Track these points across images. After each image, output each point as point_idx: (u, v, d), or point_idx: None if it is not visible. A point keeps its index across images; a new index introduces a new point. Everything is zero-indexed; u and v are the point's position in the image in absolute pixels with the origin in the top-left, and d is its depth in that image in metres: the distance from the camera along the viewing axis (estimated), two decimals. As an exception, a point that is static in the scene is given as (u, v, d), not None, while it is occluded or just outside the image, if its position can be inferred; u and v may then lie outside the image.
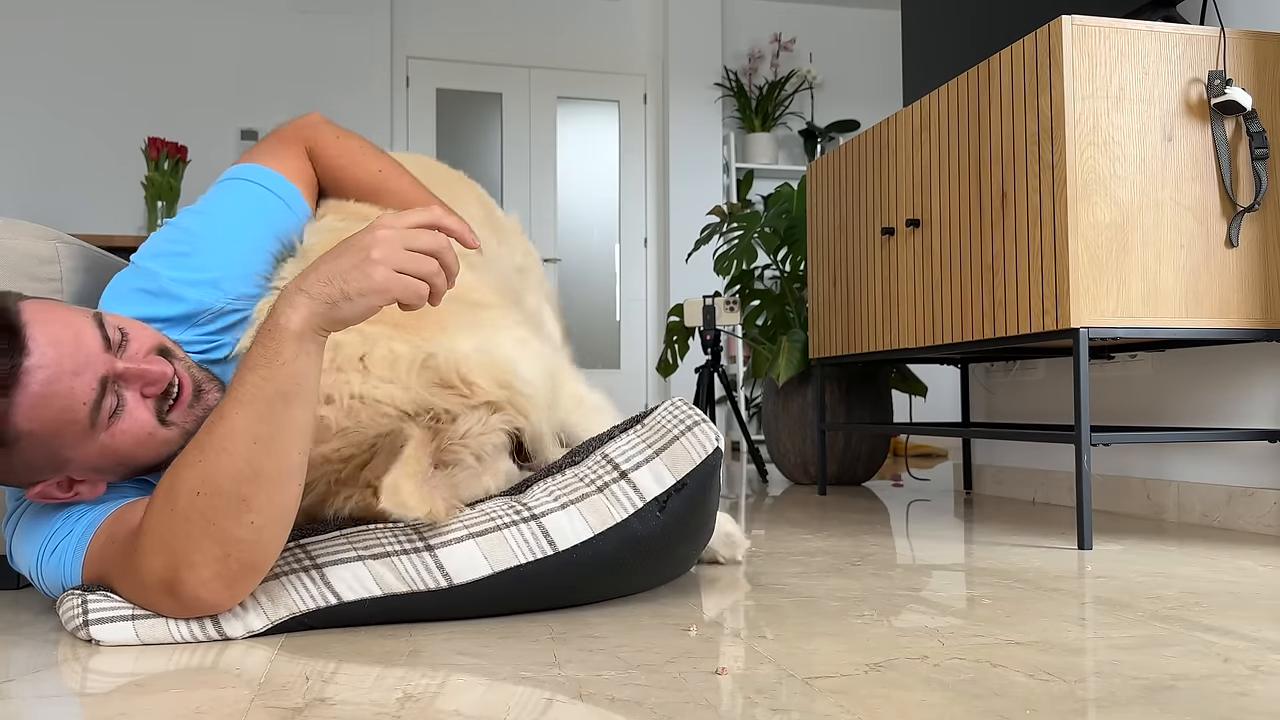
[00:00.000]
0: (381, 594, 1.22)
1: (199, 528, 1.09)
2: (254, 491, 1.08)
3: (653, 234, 6.00)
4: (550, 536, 1.26)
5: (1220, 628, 1.23)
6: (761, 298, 3.73)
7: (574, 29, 5.92)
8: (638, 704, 0.92)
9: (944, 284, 2.34)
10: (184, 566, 1.10)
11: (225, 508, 1.08)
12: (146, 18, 5.28)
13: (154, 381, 1.23)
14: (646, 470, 1.32)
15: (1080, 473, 1.91)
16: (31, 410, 1.14)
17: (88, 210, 5.08)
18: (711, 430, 1.38)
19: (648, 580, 1.41)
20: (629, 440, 1.36)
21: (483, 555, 1.23)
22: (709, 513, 1.41)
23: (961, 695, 0.94)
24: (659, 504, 1.31)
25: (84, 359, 1.17)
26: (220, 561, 1.10)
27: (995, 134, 2.15)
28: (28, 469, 1.20)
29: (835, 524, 2.30)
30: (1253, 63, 2.04)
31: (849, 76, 6.14)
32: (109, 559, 1.20)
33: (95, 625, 1.17)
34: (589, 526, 1.28)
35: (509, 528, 1.26)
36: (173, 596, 1.13)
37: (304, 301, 1.07)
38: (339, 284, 1.07)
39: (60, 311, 1.20)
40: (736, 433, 5.45)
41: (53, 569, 1.25)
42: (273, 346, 1.07)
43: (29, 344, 1.14)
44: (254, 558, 1.12)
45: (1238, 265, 2.01)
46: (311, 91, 5.41)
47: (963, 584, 1.55)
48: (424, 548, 1.23)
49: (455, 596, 1.24)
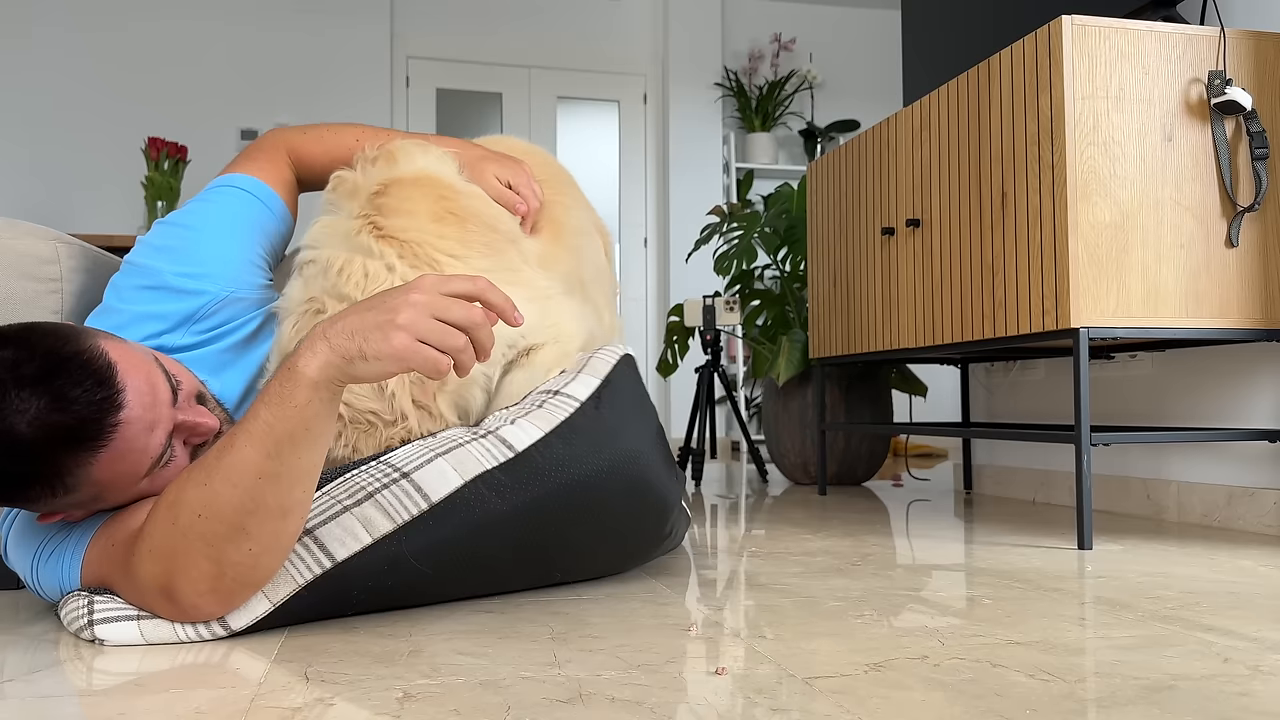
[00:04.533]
0: (372, 540, 1.23)
1: (197, 547, 1.09)
2: (255, 524, 1.09)
3: (653, 234, 6.00)
4: (508, 442, 1.34)
5: (1220, 628, 1.23)
6: (761, 298, 3.73)
7: (574, 29, 5.92)
8: (638, 704, 0.92)
9: (944, 284, 2.34)
10: (181, 577, 1.11)
11: (225, 534, 1.09)
12: (147, 18, 5.28)
13: (204, 435, 1.24)
14: (575, 383, 1.45)
15: (1080, 473, 1.91)
16: (110, 464, 1.13)
17: (88, 210, 5.08)
18: (618, 349, 1.55)
19: (619, 504, 1.42)
20: (557, 378, 1.49)
21: (451, 468, 1.30)
22: (641, 405, 1.50)
23: (961, 695, 0.94)
24: (593, 400, 1.43)
25: (159, 414, 1.16)
26: (216, 579, 1.11)
27: (995, 134, 2.15)
28: (65, 505, 1.18)
29: (835, 524, 2.30)
30: (1253, 63, 2.04)
31: (849, 76, 6.14)
32: (110, 561, 1.20)
33: (100, 625, 1.17)
34: (538, 429, 1.37)
35: (470, 443, 1.34)
36: (171, 602, 1.14)
37: (324, 350, 1.06)
38: (359, 341, 1.05)
39: (135, 357, 1.17)
40: (736, 433, 5.45)
41: (49, 572, 1.25)
42: (289, 388, 1.06)
43: (124, 400, 1.12)
44: (251, 578, 1.13)
45: (1238, 265, 2.01)
46: (311, 91, 5.41)
47: (963, 584, 1.55)
48: (400, 476, 1.28)
49: (440, 526, 1.27)
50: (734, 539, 2.08)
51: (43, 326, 1.15)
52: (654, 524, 1.51)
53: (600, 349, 1.52)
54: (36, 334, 1.13)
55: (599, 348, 1.53)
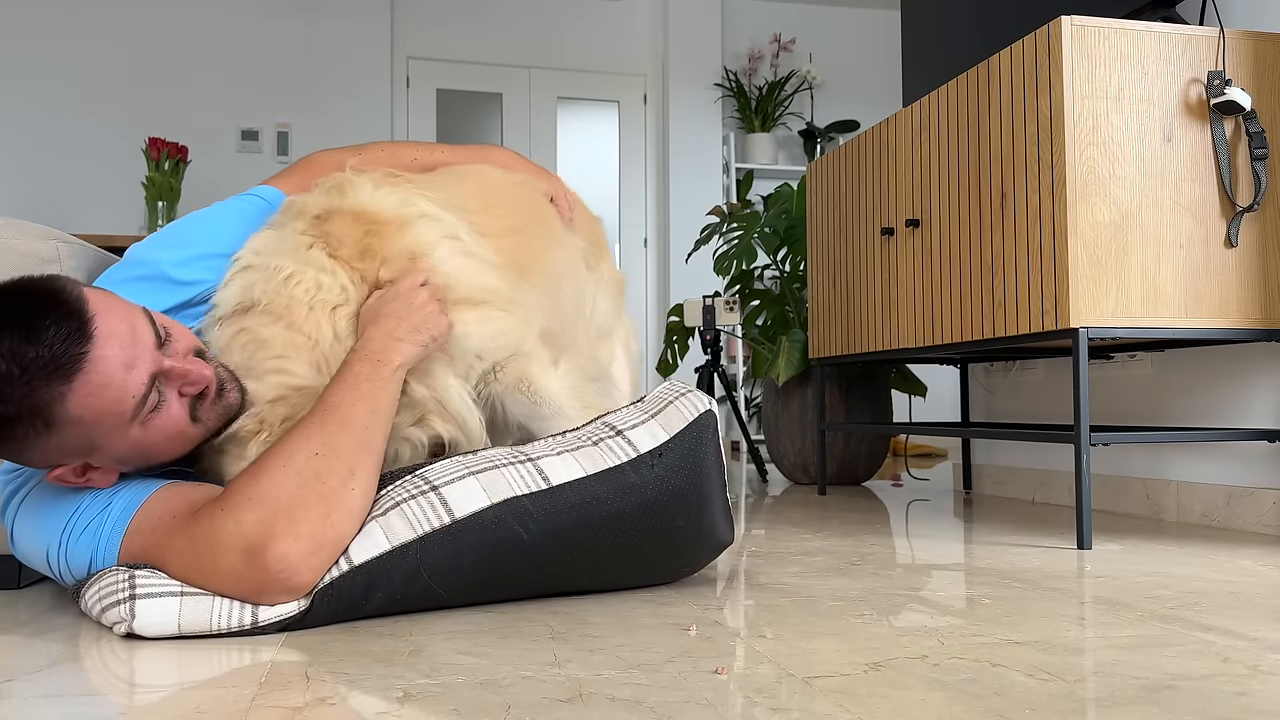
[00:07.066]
0: (390, 548, 1.25)
1: (310, 486, 1.20)
2: (362, 463, 1.25)
3: (653, 234, 6.00)
4: (545, 474, 1.34)
5: (1220, 627, 1.23)
6: (761, 298, 3.73)
7: (574, 29, 5.92)
8: (638, 704, 0.92)
9: (944, 284, 2.34)
10: (283, 522, 1.17)
11: (340, 469, 1.22)
12: (147, 18, 5.28)
13: (195, 383, 1.27)
14: (642, 430, 1.41)
15: (1080, 473, 1.91)
16: (86, 398, 1.17)
17: (88, 210, 5.08)
18: (703, 396, 1.47)
19: (650, 548, 1.40)
20: (628, 411, 1.47)
21: (481, 489, 1.31)
22: (706, 477, 1.42)
23: (961, 695, 0.94)
24: (653, 455, 1.38)
25: (138, 353, 1.21)
26: (322, 520, 1.20)
27: (995, 134, 2.16)
28: (58, 452, 1.22)
29: (835, 524, 2.31)
30: (1252, 63, 2.04)
31: (849, 76, 6.14)
32: (163, 532, 1.22)
33: (143, 600, 1.18)
34: (582, 469, 1.36)
35: (506, 467, 1.34)
36: (253, 558, 1.17)
37: (407, 347, 1.35)
38: (426, 334, 1.38)
39: (117, 303, 1.24)
40: (736, 433, 5.45)
41: (83, 548, 1.26)
42: (381, 369, 1.32)
43: (95, 333, 1.17)
44: (345, 528, 1.23)
45: (1237, 265, 2.01)
46: (312, 92, 5.41)
47: (962, 584, 1.55)
48: (429, 489, 1.30)
49: (459, 539, 1.27)
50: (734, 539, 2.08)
51: (23, 278, 1.21)
52: (683, 564, 1.49)
53: (689, 392, 1.48)
54: (15, 283, 1.20)
55: (682, 389, 1.49)
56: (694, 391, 1.48)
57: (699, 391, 1.49)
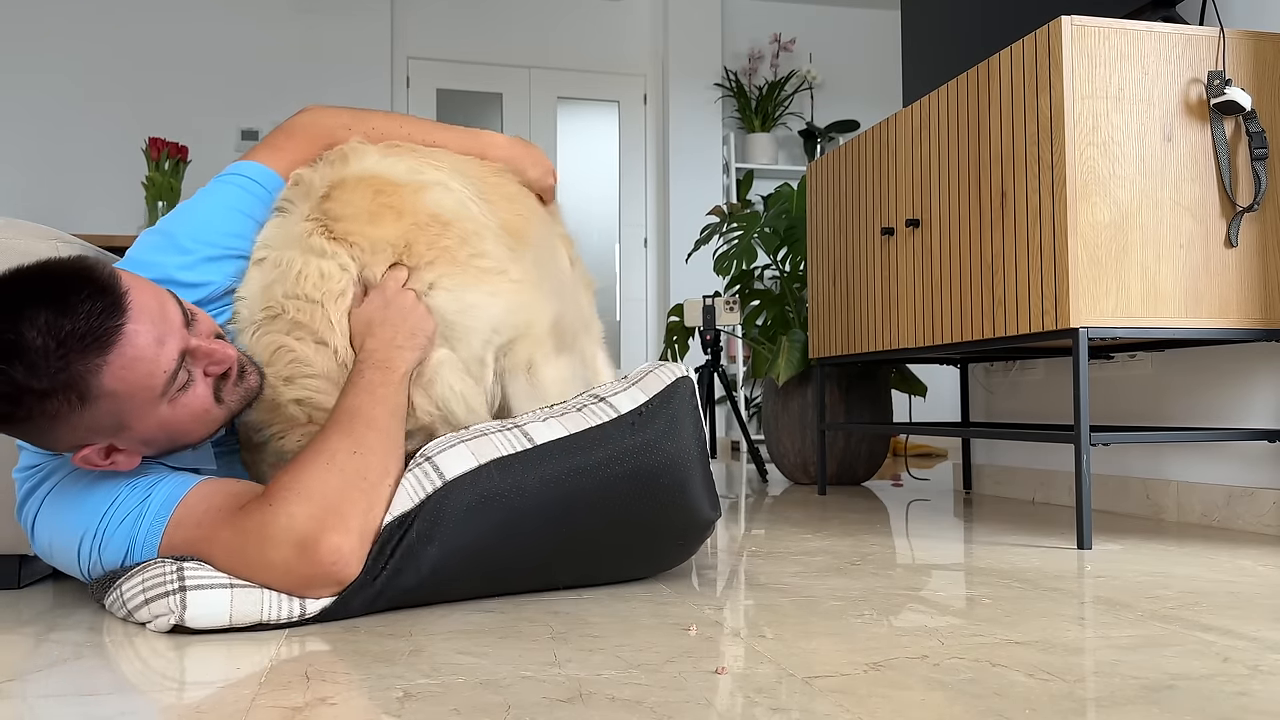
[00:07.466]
0: (391, 518, 1.30)
1: (353, 482, 1.26)
2: (393, 460, 1.32)
3: (653, 234, 6.00)
4: (529, 435, 1.41)
5: (1220, 627, 1.23)
6: (761, 298, 3.73)
7: (574, 29, 5.92)
8: (638, 703, 0.92)
9: (944, 284, 2.34)
10: (333, 517, 1.23)
11: (377, 466, 1.29)
12: (147, 18, 5.29)
13: (220, 362, 1.30)
14: (623, 395, 1.49)
15: (1079, 473, 1.91)
16: (120, 370, 1.19)
17: (88, 210, 5.08)
18: (679, 366, 1.55)
19: (636, 507, 1.42)
20: (611, 384, 1.55)
21: (470, 452, 1.37)
22: (683, 431, 1.47)
23: (961, 695, 0.94)
24: (634, 414, 1.45)
25: (169, 329, 1.24)
26: (365, 514, 1.26)
27: (995, 134, 2.16)
28: (87, 430, 1.23)
29: (835, 524, 2.31)
30: (1252, 63, 2.04)
31: (849, 76, 6.14)
32: (208, 525, 1.24)
33: (193, 591, 1.19)
34: (564, 428, 1.42)
35: (495, 433, 1.41)
36: (304, 551, 1.21)
37: (409, 354, 1.40)
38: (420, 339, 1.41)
39: (145, 282, 1.27)
40: (736, 433, 5.45)
41: (120, 538, 1.27)
42: (390, 376, 1.37)
43: (129, 307, 1.19)
44: (380, 521, 1.29)
45: (1237, 265, 2.01)
46: (312, 92, 5.41)
47: (962, 584, 1.55)
48: (424, 460, 1.36)
49: (450, 501, 1.31)
50: (734, 539, 2.08)
51: (50, 258, 1.22)
52: (674, 542, 1.51)
53: (664, 364, 1.56)
54: (45, 263, 1.21)
55: (662, 363, 1.57)
56: (670, 363, 1.57)
57: (674, 364, 1.56)
